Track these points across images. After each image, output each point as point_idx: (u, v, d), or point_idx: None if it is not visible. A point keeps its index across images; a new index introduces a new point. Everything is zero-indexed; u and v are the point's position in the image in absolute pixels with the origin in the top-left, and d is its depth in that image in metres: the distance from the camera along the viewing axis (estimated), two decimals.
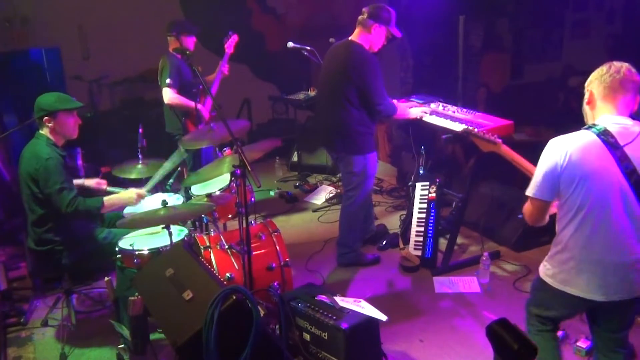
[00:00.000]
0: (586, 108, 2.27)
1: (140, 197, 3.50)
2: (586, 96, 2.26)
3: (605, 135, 2.11)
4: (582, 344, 3.02)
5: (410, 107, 4.18)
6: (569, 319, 2.50)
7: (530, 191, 2.26)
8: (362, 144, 3.86)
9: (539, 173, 2.23)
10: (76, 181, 3.53)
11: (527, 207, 2.35)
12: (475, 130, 2.96)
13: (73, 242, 3.37)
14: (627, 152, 2.09)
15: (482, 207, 4.57)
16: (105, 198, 3.39)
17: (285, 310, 2.70)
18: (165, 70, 4.57)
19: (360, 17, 3.82)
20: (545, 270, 2.35)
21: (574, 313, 2.41)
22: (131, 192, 3.49)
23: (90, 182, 3.73)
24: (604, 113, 2.19)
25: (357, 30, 3.84)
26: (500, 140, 2.74)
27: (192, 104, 4.46)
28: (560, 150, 2.16)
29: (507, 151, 2.66)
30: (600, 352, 2.38)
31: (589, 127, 2.18)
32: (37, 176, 3.20)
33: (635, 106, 2.20)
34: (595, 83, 2.20)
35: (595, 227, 2.13)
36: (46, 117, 3.26)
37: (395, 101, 4.02)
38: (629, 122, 2.16)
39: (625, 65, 2.17)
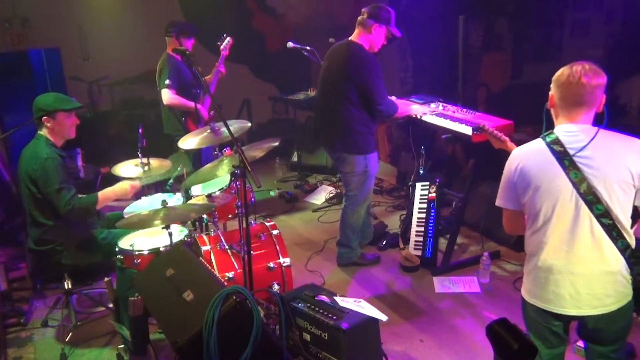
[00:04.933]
0: (550, 110, 2.19)
1: (134, 188, 3.50)
2: (549, 97, 2.17)
3: (554, 145, 2.07)
4: (582, 343, 3.01)
5: (410, 105, 4.19)
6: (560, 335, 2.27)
7: (497, 201, 2.29)
8: (362, 144, 3.86)
9: (501, 183, 2.26)
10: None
11: (503, 217, 2.35)
12: (487, 126, 3.03)
13: (73, 242, 3.37)
14: (577, 161, 2.02)
15: (482, 207, 4.57)
16: (100, 193, 3.40)
17: (286, 311, 2.70)
18: (164, 71, 4.56)
19: (360, 18, 3.82)
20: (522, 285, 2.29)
21: (557, 327, 2.23)
22: (124, 184, 3.49)
23: (124, 187, 3.54)
24: (561, 121, 2.12)
25: (357, 31, 3.84)
26: (506, 138, 2.81)
27: (191, 104, 4.46)
28: (514, 160, 2.18)
29: (512, 148, 2.68)
30: None
31: (543, 136, 2.13)
32: (35, 177, 3.19)
33: (600, 108, 2.09)
34: (555, 89, 2.11)
35: (557, 235, 2.08)
36: (45, 117, 3.26)
37: (394, 98, 4.03)
38: (581, 127, 2.06)
39: (584, 69, 2.03)
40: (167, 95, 4.51)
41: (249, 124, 3.56)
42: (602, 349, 2.22)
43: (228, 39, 4.83)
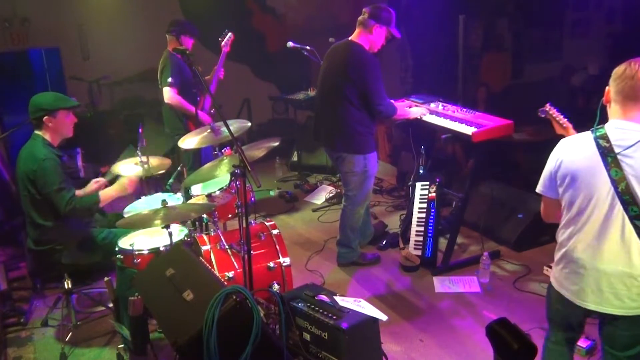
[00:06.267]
0: (607, 106, 2.16)
1: (132, 182, 3.50)
2: (605, 93, 2.14)
3: (601, 139, 2.04)
4: (582, 343, 3.02)
5: (409, 107, 4.19)
6: (573, 327, 2.34)
7: (537, 187, 2.29)
8: (362, 144, 3.86)
9: (543, 171, 2.25)
10: (78, 192, 3.51)
11: (542, 203, 2.35)
12: (552, 110, 2.90)
13: (72, 241, 3.37)
14: (621, 159, 2.00)
15: (482, 207, 4.57)
16: (101, 192, 3.42)
17: (286, 310, 2.70)
18: (167, 69, 4.56)
19: (360, 18, 3.81)
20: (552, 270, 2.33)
21: (573, 319, 2.28)
22: (122, 179, 3.48)
23: (90, 188, 3.65)
24: (614, 116, 2.10)
25: (357, 31, 3.84)
26: (569, 125, 2.77)
27: (192, 108, 4.45)
28: (558, 150, 2.18)
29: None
30: None
31: (593, 130, 2.10)
32: (34, 177, 3.20)
33: None
34: (612, 83, 2.10)
35: (588, 230, 2.08)
36: (46, 117, 3.26)
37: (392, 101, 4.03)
38: (633, 127, 2.03)
39: None
40: (169, 94, 4.51)
41: (249, 124, 3.56)
42: (619, 354, 2.19)
43: (229, 34, 4.82)
